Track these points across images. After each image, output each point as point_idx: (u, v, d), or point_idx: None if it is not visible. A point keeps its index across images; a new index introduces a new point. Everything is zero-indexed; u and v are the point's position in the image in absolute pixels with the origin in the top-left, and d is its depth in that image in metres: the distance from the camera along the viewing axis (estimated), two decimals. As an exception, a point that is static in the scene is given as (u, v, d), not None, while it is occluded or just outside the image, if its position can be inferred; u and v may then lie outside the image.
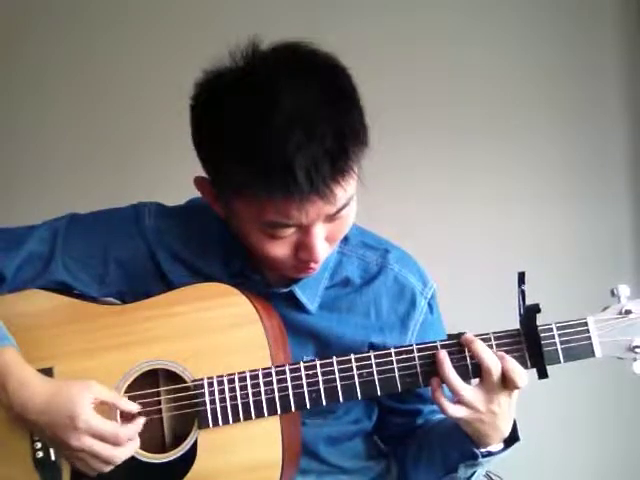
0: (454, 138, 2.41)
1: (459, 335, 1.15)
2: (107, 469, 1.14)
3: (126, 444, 1.14)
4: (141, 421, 1.16)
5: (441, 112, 2.40)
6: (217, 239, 1.26)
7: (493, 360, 1.10)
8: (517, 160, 2.41)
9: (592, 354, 1.12)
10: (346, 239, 1.24)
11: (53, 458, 1.18)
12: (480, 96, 2.39)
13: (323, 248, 1.11)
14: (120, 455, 1.13)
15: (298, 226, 1.08)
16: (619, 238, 2.39)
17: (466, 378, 1.12)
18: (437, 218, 2.40)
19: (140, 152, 2.50)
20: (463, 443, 1.16)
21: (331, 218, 1.09)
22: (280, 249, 1.11)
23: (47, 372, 1.18)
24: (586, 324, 1.12)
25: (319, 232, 1.09)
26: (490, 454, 1.17)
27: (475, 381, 1.14)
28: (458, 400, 1.11)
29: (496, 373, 1.10)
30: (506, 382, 1.10)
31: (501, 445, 1.17)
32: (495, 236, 2.39)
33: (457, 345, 1.14)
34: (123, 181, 2.39)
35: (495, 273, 2.07)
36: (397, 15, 2.41)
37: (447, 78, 2.40)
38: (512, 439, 1.16)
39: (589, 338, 1.12)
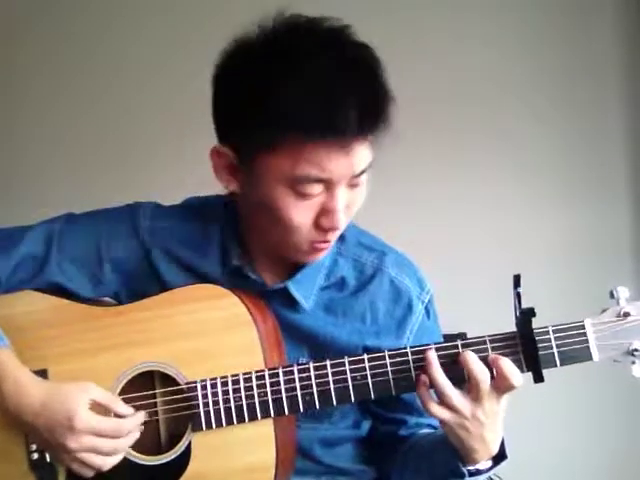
0: (453, 138, 2.40)
1: (459, 336, 1.13)
2: (108, 465, 1.13)
3: (126, 435, 1.14)
4: (141, 415, 1.16)
5: (440, 112, 2.39)
6: (213, 238, 1.25)
7: (483, 372, 1.07)
8: (517, 160, 2.41)
9: (589, 358, 1.09)
10: (343, 239, 1.24)
11: (48, 459, 1.17)
12: (479, 96, 2.39)
13: (342, 217, 1.11)
14: (122, 446, 1.13)
15: (327, 182, 1.08)
16: (619, 238, 2.38)
17: (462, 382, 1.09)
18: (436, 219, 2.40)
19: (139, 152, 2.50)
20: (450, 459, 1.14)
21: (352, 182, 1.10)
22: (303, 213, 1.10)
23: (42, 373, 1.17)
24: (583, 327, 1.10)
25: (342, 196, 1.10)
26: (478, 472, 1.14)
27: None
28: (443, 402, 1.09)
29: (484, 384, 1.07)
30: (499, 383, 1.07)
31: (489, 463, 1.14)
32: (494, 237, 2.39)
33: (452, 348, 1.11)
34: (122, 181, 2.38)
35: (494, 274, 2.05)
36: (397, 15, 2.40)
37: (446, 78, 2.40)
38: (500, 457, 1.14)
39: (586, 341, 1.09)
